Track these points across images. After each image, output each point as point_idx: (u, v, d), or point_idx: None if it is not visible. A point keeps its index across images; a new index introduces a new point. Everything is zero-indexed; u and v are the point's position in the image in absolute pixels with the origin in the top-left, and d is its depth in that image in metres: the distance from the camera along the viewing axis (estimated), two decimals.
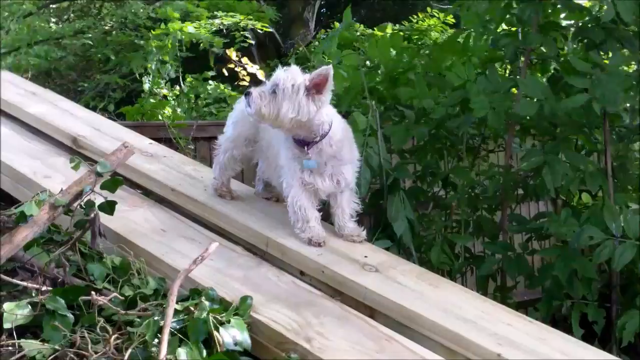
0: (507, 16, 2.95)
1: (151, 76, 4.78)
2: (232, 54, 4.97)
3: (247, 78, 4.95)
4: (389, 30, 5.03)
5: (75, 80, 6.81)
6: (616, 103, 2.49)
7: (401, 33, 3.97)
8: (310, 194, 2.19)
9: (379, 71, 3.35)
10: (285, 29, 9.29)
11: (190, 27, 4.97)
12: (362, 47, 3.31)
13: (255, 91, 2.09)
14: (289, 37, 8.62)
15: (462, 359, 1.72)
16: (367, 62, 3.40)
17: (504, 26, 3.09)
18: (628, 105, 2.82)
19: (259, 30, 7.42)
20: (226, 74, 5.05)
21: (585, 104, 2.53)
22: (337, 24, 6.74)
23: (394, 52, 3.34)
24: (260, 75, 4.93)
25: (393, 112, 3.25)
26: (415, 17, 6.03)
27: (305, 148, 2.16)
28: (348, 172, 2.23)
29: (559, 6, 2.91)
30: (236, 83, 5.14)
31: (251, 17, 5.70)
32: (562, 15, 2.94)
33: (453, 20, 5.49)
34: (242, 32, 5.48)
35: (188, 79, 5.02)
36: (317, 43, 7.00)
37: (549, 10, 2.92)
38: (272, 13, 7.71)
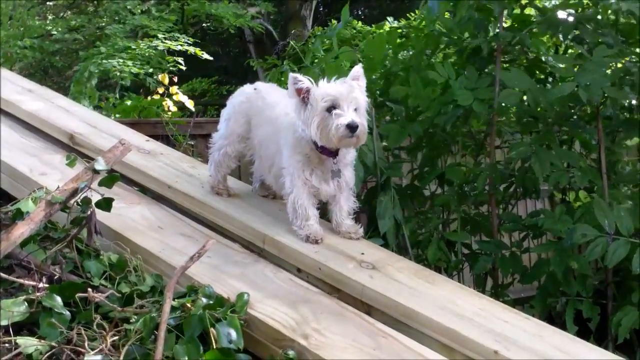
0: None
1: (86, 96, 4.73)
2: (165, 78, 4.57)
3: (174, 109, 4.33)
4: (386, 28, 5.02)
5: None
6: (599, 93, 2.51)
7: (399, 30, 3.93)
8: (310, 194, 2.19)
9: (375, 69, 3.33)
10: (282, 27, 9.30)
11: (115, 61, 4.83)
12: (360, 43, 3.30)
13: (357, 122, 2.02)
14: (287, 34, 8.62)
15: (459, 355, 1.73)
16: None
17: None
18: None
19: (259, 28, 7.40)
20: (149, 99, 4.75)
21: (566, 95, 2.54)
22: (334, 22, 6.74)
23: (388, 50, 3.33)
24: (190, 105, 4.48)
25: (384, 108, 3.25)
26: (412, 14, 6.03)
27: (336, 158, 2.17)
28: (348, 174, 2.24)
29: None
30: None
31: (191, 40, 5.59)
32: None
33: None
34: (174, 58, 5.34)
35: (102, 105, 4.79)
36: (313, 40, 7.00)
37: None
38: (268, 6, 7.70)
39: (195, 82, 7.28)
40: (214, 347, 1.61)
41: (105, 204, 1.92)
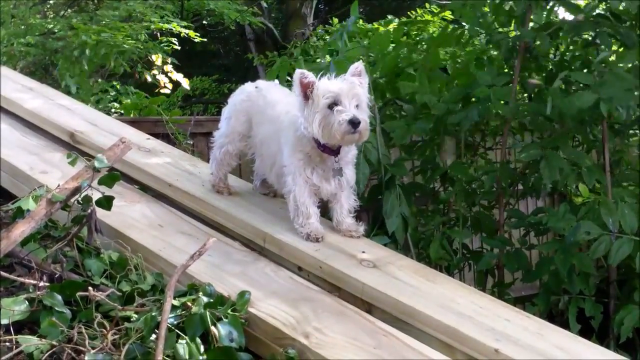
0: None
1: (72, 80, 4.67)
2: (158, 59, 4.70)
3: (170, 86, 4.66)
4: (392, 25, 5.01)
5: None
6: (627, 104, 2.52)
7: (403, 28, 3.92)
8: (312, 192, 2.19)
9: (376, 65, 3.33)
10: (283, 25, 9.29)
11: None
12: (366, 39, 3.29)
13: (359, 118, 2.01)
14: (287, 32, 8.62)
15: (460, 354, 1.72)
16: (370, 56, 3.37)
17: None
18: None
19: (259, 25, 7.36)
20: (149, 79, 4.78)
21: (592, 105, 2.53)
22: (335, 20, 6.75)
23: (391, 47, 3.32)
24: (185, 83, 4.67)
25: (393, 107, 3.25)
26: (413, 12, 6.02)
27: (338, 156, 2.16)
28: (349, 172, 2.24)
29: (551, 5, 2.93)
30: (157, 90, 4.93)
31: (186, 23, 5.51)
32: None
33: (452, 16, 5.46)
34: (168, 38, 5.28)
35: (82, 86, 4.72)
36: (315, 39, 7.00)
37: (542, 8, 2.94)
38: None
39: (195, 80, 7.27)
40: (215, 345, 1.61)
41: (106, 203, 1.92)
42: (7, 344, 1.56)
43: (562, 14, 3.05)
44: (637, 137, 3.08)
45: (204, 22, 7.87)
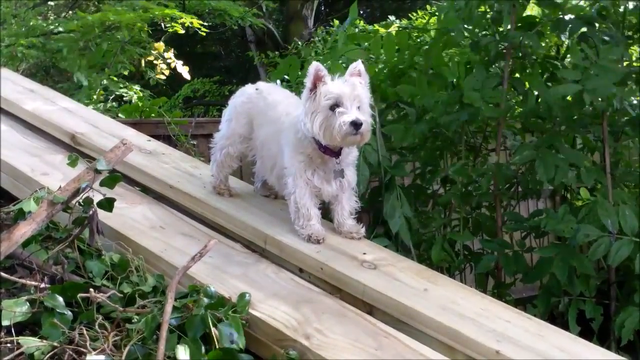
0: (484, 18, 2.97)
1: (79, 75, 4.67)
2: (161, 47, 4.73)
3: (167, 72, 4.72)
4: (393, 28, 5.02)
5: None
6: (605, 97, 2.52)
7: (408, 32, 3.93)
8: (313, 194, 2.19)
9: (379, 67, 3.34)
10: (284, 26, 9.30)
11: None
12: (366, 42, 3.29)
13: (361, 120, 2.01)
14: (288, 34, 8.63)
15: (461, 355, 1.72)
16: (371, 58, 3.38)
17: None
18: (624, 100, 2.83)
19: (260, 26, 7.35)
20: (143, 64, 4.80)
21: (576, 97, 2.54)
22: (336, 22, 6.77)
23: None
24: (185, 71, 4.70)
25: (395, 109, 3.25)
26: (414, 14, 6.02)
27: (339, 158, 2.16)
28: (351, 173, 2.24)
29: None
30: (154, 75, 4.98)
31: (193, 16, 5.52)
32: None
33: None
34: (173, 25, 5.27)
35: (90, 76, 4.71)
36: (316, 39, 7.01)
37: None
38: (269, 3, 7.66)
39: (196, 82, 7.27)
40: (216, 347, 1.61)
41: (107, 204, 1.92)
42: (9, 345, 1.56)
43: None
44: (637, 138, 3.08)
45: (205, 23, 7.87)
